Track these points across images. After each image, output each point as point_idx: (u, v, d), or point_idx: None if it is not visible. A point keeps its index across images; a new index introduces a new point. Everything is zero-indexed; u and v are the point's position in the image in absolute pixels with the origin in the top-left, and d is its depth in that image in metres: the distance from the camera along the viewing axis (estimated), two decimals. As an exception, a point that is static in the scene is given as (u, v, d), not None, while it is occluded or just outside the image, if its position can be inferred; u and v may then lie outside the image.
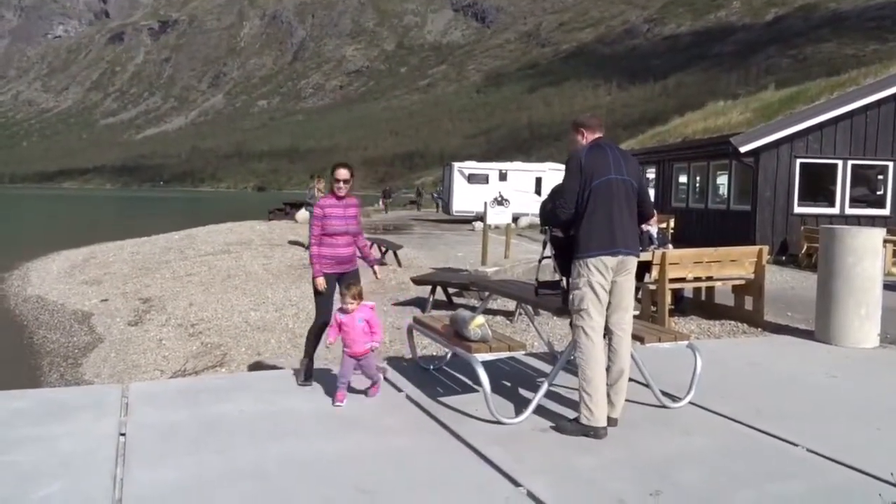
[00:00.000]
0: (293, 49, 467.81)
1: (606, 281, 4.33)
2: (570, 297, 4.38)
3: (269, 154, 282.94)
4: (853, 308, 6.99)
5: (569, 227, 4.46)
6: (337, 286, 5.40)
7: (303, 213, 19.62)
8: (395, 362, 6.21)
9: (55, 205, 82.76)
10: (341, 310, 4.94)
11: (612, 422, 4.39)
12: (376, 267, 5.79)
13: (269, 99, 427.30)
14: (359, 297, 4.97)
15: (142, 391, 5.26)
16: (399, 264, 14.30)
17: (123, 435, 4.23)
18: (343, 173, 5.43)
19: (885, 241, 12.47)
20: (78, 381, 8.19)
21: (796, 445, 4.18)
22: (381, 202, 44.74)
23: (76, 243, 23.50)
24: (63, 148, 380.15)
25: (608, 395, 4.37)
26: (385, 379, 5.55)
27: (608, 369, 4.42)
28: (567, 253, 4.70)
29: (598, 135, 4.52)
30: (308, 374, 5.40)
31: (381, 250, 14.84)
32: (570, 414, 4.54)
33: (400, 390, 5.24)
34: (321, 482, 3.63)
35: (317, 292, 5.45)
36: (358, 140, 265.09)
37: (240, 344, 8.48)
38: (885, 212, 16.38)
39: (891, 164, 16.35)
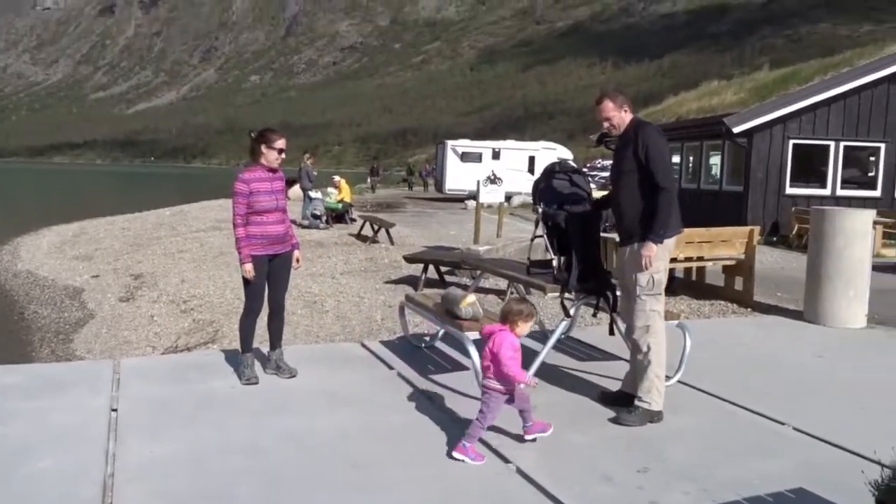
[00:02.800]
0: (286, 24, 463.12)
1: None
2: (648, 280, 4.18)
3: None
4: (842, 289, 7.04)
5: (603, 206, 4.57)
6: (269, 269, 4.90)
7: (295, 191, 19.62)
8: (387, 340, 6.24)
9: (45, 180, 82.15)
10: (511, 325, 3.78)
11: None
12: (297, 252, 5.09)
13: (261, 74, 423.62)
14: None
15: (133, 367, 5.27)
16: (391, 242, 14.30)
17: (115, 410, 4.25)
18: (284, 143, 4.84)
19: (875, 223, 12.57)
20: (69, 357, 8.20)
21: (783, 424, 4.24)
22: (368, 180, 43.46)
23: (66, 218, 23.38)
24: (53, 122, 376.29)
25: (634, 374, 4.40)
26: (377, 356, 5.58)
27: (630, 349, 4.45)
28: (559, 231, 4.73)
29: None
30: (252, 371, 4.90)
31: (373, 228, 14.83)
32: (562, 392, 4.57)
33: (391, 367, 5.27)
34: (314, 457, 3.66)
35: (246, 279, 4.85)
36: (351, 117, 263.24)
37: (232, 321, 8.46)
38: (877, 193, 16.46)
39: (883, 145, 16.39)
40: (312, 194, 17.32)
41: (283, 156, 4.89)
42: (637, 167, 4.22)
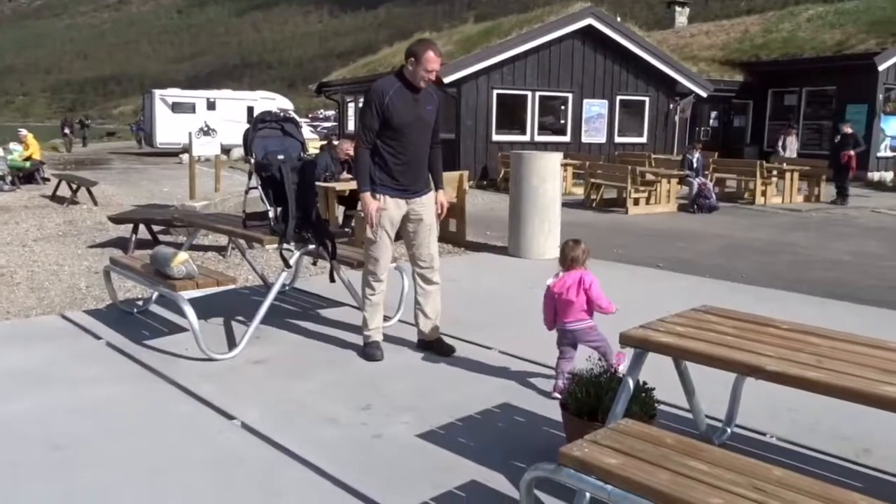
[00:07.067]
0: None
1: None
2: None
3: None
4: (538, 224, 7.87)
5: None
6: None
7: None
8: (94, 309, 5.70)
9: None
10: (585, 266, 3.90)
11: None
12: None
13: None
14: None
15: None
16: (94, 203, 12.95)
17: None
18: None
19: (565, 165, 14.17)
20: None
21: (490, 349, 4.66)
22: (68, 132, 34.95)
23: None
24: None
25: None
26: (81, 327, 5.08)
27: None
28: (273, 182, 4.63)
29: None
30: None
31: (71, 188, 13.29)
32: (287, 342, 4.55)
33: (99, 337, 4.83)
34: (4, 446, 3.24)
35: None
36: (38, 62, 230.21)
37: None
38: (566, 139, 18.52)
39: (570, 95, 18.42)
40: (-9, 151, 15.03)
41: None
42: (433, 122, 4.48)
